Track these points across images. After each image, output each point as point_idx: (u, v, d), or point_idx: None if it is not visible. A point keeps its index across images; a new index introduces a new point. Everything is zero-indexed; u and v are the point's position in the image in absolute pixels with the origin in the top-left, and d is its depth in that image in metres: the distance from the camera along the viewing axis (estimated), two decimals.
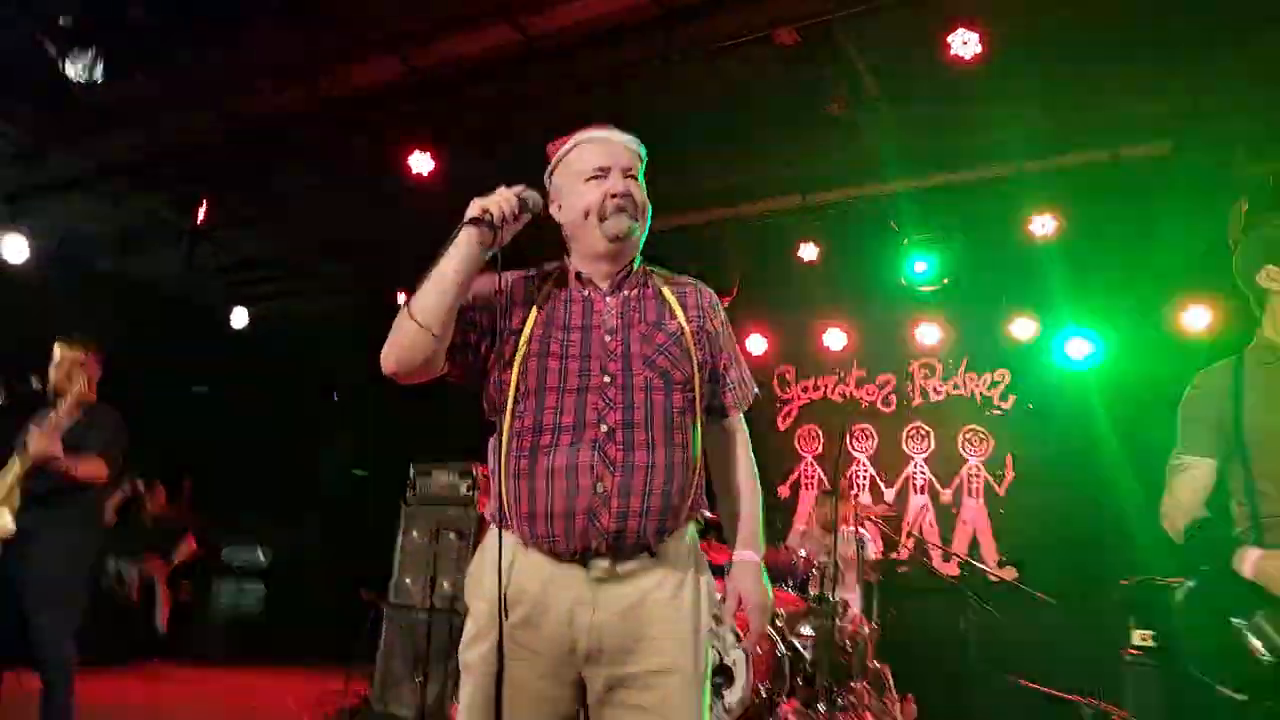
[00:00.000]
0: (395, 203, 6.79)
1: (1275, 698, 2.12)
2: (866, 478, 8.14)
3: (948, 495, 7.73)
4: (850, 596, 5.85)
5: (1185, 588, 2.40)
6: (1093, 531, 6.64)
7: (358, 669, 6.31)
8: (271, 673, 7.40)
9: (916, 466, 7.95)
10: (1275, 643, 2.14)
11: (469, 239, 1.86)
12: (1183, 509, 2.42)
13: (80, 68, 4.80)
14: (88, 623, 4.05)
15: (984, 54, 4.78)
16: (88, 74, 4.81)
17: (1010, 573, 6.67)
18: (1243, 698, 2.18)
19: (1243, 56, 4.85)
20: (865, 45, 5.11)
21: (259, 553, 10.27)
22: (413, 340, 1.85)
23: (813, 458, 8.45)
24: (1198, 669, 2.30)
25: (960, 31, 4.77)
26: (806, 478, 8.42)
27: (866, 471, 8.15)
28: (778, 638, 5.32)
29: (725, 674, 4.89)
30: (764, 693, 4.98)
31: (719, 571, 2.13)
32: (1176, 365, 2.79)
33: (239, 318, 9.12)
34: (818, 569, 5.69)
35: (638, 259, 2.09)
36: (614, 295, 2.00)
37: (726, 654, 4.93)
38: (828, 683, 5.24)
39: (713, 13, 4.97)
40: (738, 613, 2.04)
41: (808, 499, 8.19)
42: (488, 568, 1.88)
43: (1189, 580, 2.41)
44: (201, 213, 7.17)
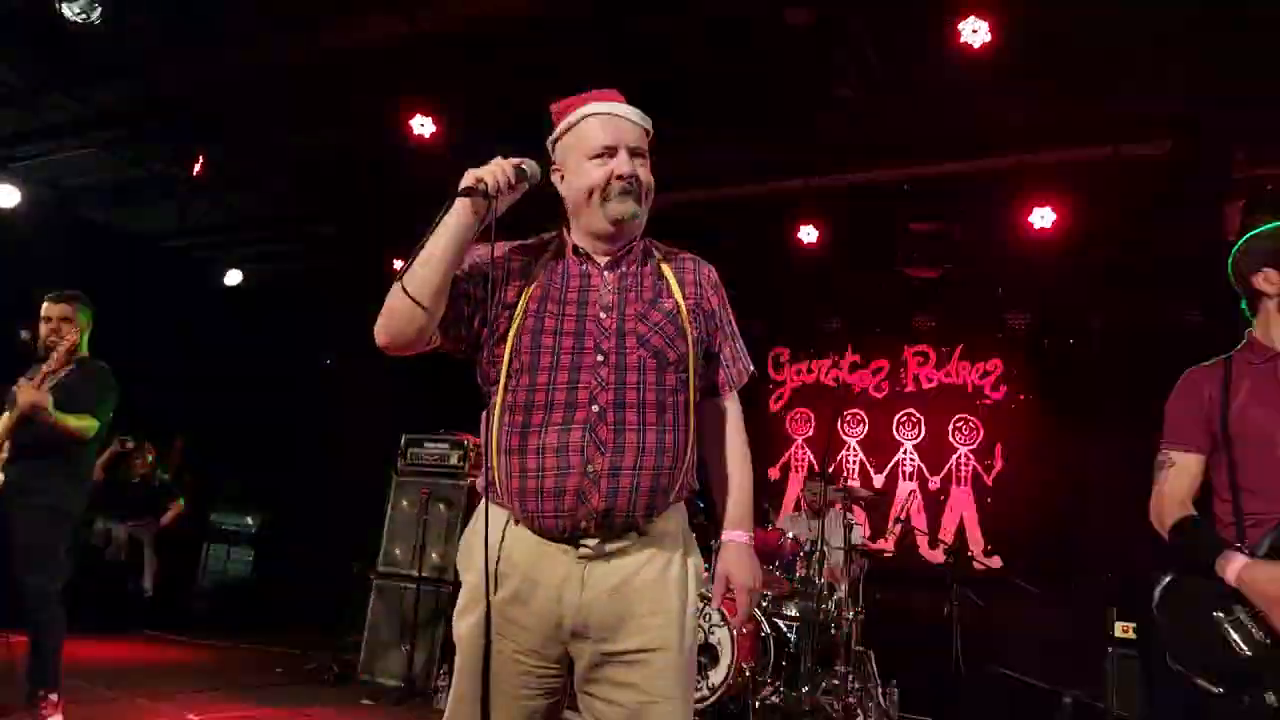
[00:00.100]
0: (395, 164, 6.71)
1: (1253, 690, 2.14)
2: (856, 463, 8.17)
3: (936, 483, 7.77)
4: (837, 580, 5.88)
5: (1165, 582, 2.42)
6: (1078, 523, 6.69)
7: (345, 637, 6.33)
8: (258, 639, 7.40)
9: (906, 453, 7.98)
10: (1254, 637, 2.17)
11: (462, 210, 1.82)
12: (1169, 505, 2.44)
13: (77, 8, 4.72)
14: (74, 585, 4.03)
15: (993, 43, 4.77)
16: (85, 16, 4.72)
17: (995, 562, 6.72)
18: (1220, 690, 2.20)
19: (1244, 54, 4.82)
20: (875, 29, 5.08)
21: (249, 518, 10.29)
22: (404, 314, 1.83)
23: (803, 441, 8.48)
24: (1177, 661, 2.32)
25: (971, 20, 4.77)
26: (797, 460, 8.44)
27: (856, 456, 8.18)
28: (763, 618, 5.35)
29: (709, 653, 4.92)
30: (747, 672, 5.02)
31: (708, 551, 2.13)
32: (1166, 361, 2.79)
33: (233, 276, 9.08)
34: (805, 552, 5.72)
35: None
36: (612, 271, 1.97)
37: (711, 633, 4.95)
38: (811, 665, 5.28)
39: None
40: (725, 594, 2.05)
41: (797, 481, 8.22)
42: (474, 541, 1.88)
43: (1167, 574, 2.43)
44: (197, 167, 7.07)
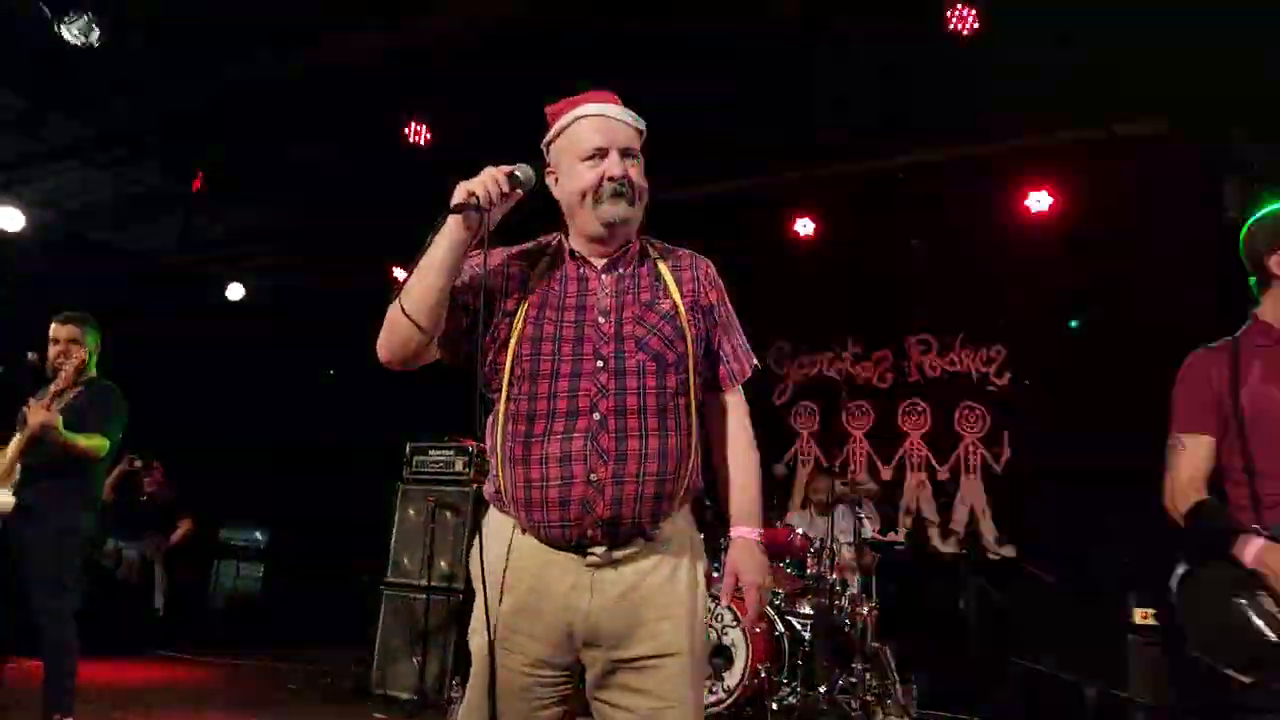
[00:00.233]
0: (392, 174, 6.70)
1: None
2: (863, 455, 8.13)
3: (945, 473, 7.72)
4: (849, 576, 5.85)
5: (1182, 569, 2.39)
6: (1092, 509, 6.63)
7: (357, 650, 6.31)
8: (270, 655, 7.39)
9: (913, 443, 7.94)
10: (1278, 620, 2.13)
11: (455, 226, 1.81)
12: (1183, 489, 2.41)
13: (77, 31, 4.72)
14: (86, 605, 4.03)
15: (982, 29, 4.77)
16: (85, 37, 4.74)
17: (1009, 551, 6.68)
18: (1247, 678, 2.16)
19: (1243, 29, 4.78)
20: (865, 17, 5.07)
21: (257, 534, 10.29)
22: (404, 332, 1.85)
23: (809, 435, 8.44)
24: (1201, 650, 2.28)
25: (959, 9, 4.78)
26: (803, 455, 8.41)
27: (863, 448, 8.14)
28: (776, 618, 5.30)
29: (724, 655, 4.87)
30: (763, 673, 4.97)
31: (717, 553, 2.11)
32: (1173, 343, 2.76)
33: (235, 290, 9.07)
34: (815, 548, 5.68)
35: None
36: (609, 274, 1.97)
37: (725, 634, 4.91)
38: (827, 663, 5.23)
39: None
40: (734, 592, 2.03)
41: (804, 476, 8.18)
42: (484, 552, 1.87)
43: (1183, 561, 2.40)
44: (197, 183, 7.12)
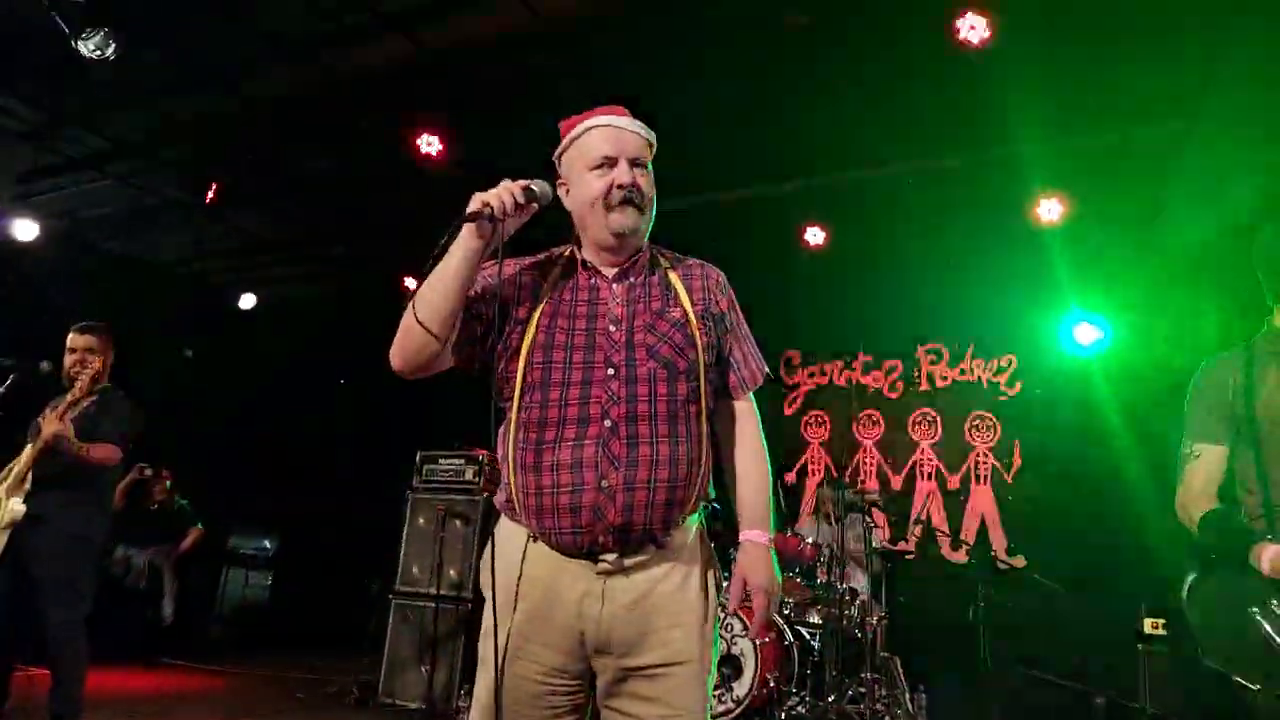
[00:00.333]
0: (403, 184, 6.75)
1: None
2: (873, 464, 8.11)
3: (955, 482, 7.70)
4: (858, 585, 5.83)
5: (1192, 577, 2.38)
6: (1102, 518, 6.60)
7: (365, 659, 6.31)
8: (278, 664, 7.40)
9: (924, 453, 7.91)
10: None
11: (468, 235, 1.84)
12: (1197, 498, 2.40)
13: (92, 45, 4.78)
14: (95, 612, 4.05)
15: (991, 37, 4.76)
16: (100, 52, 4.79)
17: (1020, 561, 6.64)
18: (1258, 687, 2.16)
19: (1259, 30, 4.76)
20: (873, 27, 5.07)
21: (266, 542, 10.30)
22: (417, 340, 1.87)
23: (819, 444, 8.43)
24: (1212, 658, 2.28)
25: (969, 16, 4.76)
26: (813, 464, 8.39)
27: (873, 458, 8.12)
28: (785, 627, 5.29)
29: (733, 664, 4.87)
30: (772, 683, 4.96)
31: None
32: (1186, 351, 2.76)
33: (247, 300, 9.11)
34: (825, 557, 5.67)
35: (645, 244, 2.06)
36: (620, 283, 1.98)
37: (734, 644, 4.91)
38: (836, 673, 5.22)
39: None
40: (742, 600, 2.04)
41: (814, 486, 8.16)
42: (496, 560, 1.89)
43: (1194, 570, 2.39)
44: (210, 194, 7.17)
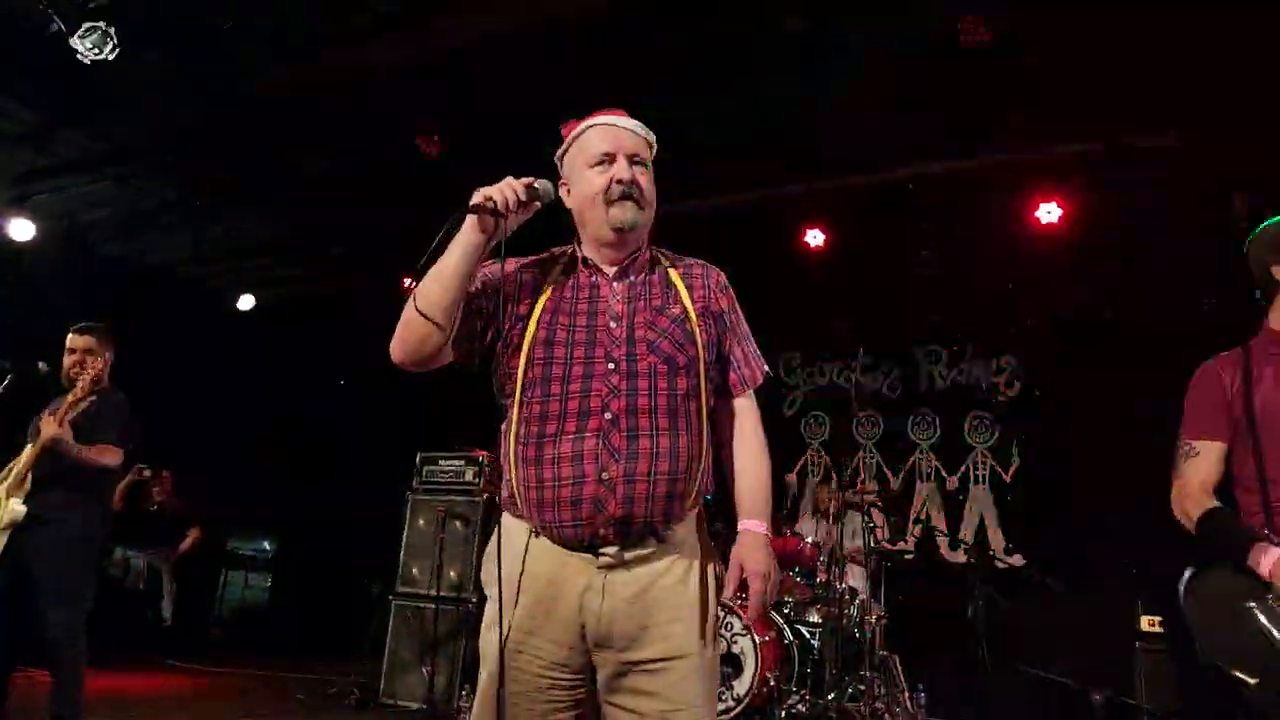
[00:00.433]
0: (405, 185, 6.73)
1: None
2: (872, 465, 8.13)
3: (954, 482, 7.71)
4: (857, 584, 5.84)
5: (1189, 575, 2.39)
6: (1100, 517, 6.62)
7: (365, 660, 6.31)
8: (278, 665, 7.39)
9: (923, 453, 7.93)
10: None
11: (471, 228, 1.85)
12: (1193, 495, 2.41)
13: (89, 44, 4.77)
14: (95, 613, 4.05)
15: (991, 38, 4.78)
16: (99, 51, 4.78)
17: (1018, 560, 6.66)
18: (1255, 681, 2.17)
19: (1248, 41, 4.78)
20: (873, 34, 5.09)
21: (265, 543, 10.31)
22: (418, 333, 1.87)
23: (818, 445, 8.44)
24: (1208, 655, 2.28)
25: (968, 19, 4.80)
26: (813, 465, 8.40)
27: (872, 458, 8.14)
28: (785, 626, 5.30)
29: (733, 663, 4.88)
30: (772, 681, 4.97)
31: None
32: (1181, 352, 2.77)
33: (245, 301, 9.12)
34: (824, 556, 5.68)
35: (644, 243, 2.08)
36: (620, 280, 2.00)
37: (734, 643, 4.91)
38: (836, 671, 5.23)
39: None
40: (738, 595, 2.04)
41: (813, 485, 8.18)
42: (500, 554, 1.88)
43: (1190, 568, 2.40)
44: (208, 195, 7.16)
